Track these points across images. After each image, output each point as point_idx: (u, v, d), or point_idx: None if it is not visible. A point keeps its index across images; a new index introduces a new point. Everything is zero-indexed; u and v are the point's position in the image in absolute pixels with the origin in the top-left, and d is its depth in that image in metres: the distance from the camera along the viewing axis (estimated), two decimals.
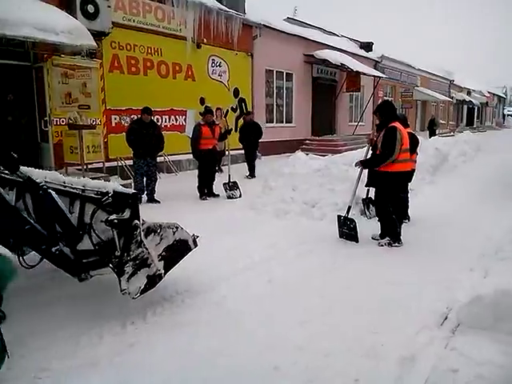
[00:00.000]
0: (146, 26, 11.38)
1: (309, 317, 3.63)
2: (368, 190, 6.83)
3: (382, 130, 5.45)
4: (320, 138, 18.42)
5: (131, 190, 3.60)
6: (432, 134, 21.89)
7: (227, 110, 14.05)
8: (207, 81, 13.39)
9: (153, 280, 3.65)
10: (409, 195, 6.91)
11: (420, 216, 7.12)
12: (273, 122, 16.76)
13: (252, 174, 11.25)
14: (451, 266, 4.89)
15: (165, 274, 3.76)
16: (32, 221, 3.66)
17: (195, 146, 8.44)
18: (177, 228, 3.94)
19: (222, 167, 11.47)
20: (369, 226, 6.26)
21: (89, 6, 9.74)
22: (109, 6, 10.12)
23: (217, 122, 11.32)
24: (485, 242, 5.78)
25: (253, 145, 11.38)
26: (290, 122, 17.74)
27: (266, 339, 3.30)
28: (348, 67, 17.94)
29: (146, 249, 3.56)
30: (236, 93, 14.19)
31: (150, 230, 3.65)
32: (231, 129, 10.34)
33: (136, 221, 3.43)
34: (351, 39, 24.05)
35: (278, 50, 16.04)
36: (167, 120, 12.11)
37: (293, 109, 17.84)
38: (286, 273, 4.66)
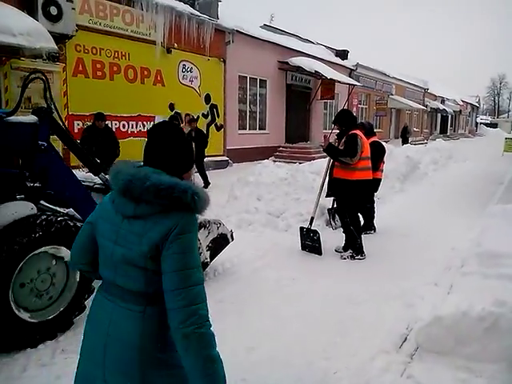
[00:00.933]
0: (114, 30, 11.02)
1: (257, 341, 3.37)
2: (334, 200, 6.64)
3: (343, 138, 5.30)
4: (293, 145, 18.27)
5: None
6: (405, 141, 21.98)
7: (198, 116, 13.82)
8: (177, 86, 13.08)
9: (203, 267, 4.22)
10: (375, 205, 6.77)
11: (386, 226, 6.97)
12: (246, 129, 16.53)
13: (206, 182, 10.59)
14: (415, 281, 4.71)
15: (210, 261, 4.60)
16: None
17: None
18: (220, 224, 4.77)
19: (193, 175, 11.12)
20: (334, 238, 6.06)
21: (51, 7, 9.33)
22: (73, 9, 9.75)
23: (185, 129, 11.08)
24: (451, 254, 5.63)
25: (198, 153, 10.54)
26: (264, 129, 17.54)
27: None
28: (322, 74, 17.87)
29: (198, 240, 4.01)
30: (207, 99, 14.00)
31: (201, 225, 4.44)
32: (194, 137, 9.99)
33: None
34: (327, 47, 24.06)
35: (251, 57, 15.85)
36: (134, 126, 11.73)
37: (266, 116, 17.65)
38: (239, 290, 4.39)
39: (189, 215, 1.55)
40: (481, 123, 62.35)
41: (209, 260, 4.58)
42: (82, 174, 4.70)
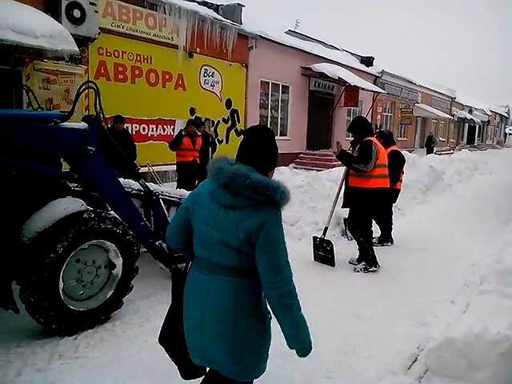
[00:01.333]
0: (136, 33, 11.09)
1: None
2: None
3: (357, 145, 5.18)
4: (314, 151, 18.09)
5: None
6: (430, 151, 21.55)
7: (218, 121, 13.81)
8: (198, 91, 13.07)
9: None
10: (393, 216, 6.56)
11: (405, 238, 6.77)
12: None
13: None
14: (430, 297, 4.51)
15: None
16: (144, 220, 4.44)
17: (173, 149, 8.24)
18: None
19: None
20: (349, 249, 5.90)
21: (75, 10, 9.45)
22: (96, 12, 9.84)
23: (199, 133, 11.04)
24: (470, 270, 5.41)
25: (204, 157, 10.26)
26: (285, 135, 17.41)
27: None
28: (345, 81, 17.67)
29: None
30: (228, 104, 13.97)
31: None
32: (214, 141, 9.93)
33: None
34: (352, 53, 23.82)
35: (274, 62, 15.76)
36: (154, 129, 11.76)
37: (288, 122, 17.53)
38: None
39: (277, 210, 1.87)
40: (510, 134, 60.75)
41: None
42: (121, 180, 5.13)
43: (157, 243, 4.46)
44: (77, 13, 9.45)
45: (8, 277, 3.28)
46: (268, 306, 1.95)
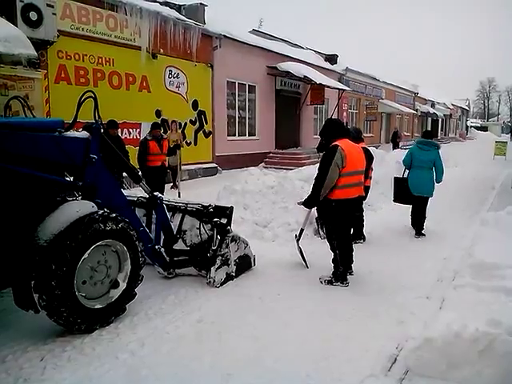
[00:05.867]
0: (97, 35, 10.78)
1: (235, 367, 3.13)
2: None
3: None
4: (283, 151, 18.09)
5: (228, 204, 5.06)
6: (395, 146, 21.90)
7: (185, 123, 13.60)
8: (164, 92, 12.84)
9: (229, 277, 4.78)
10: (364, 213, 6.56)
11: (376, 235, 6.79)
12: (235, 135, 16.31)
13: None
14: (406, 294, 4.51)
15: (235, 277, 4.84)
16: (144, 225, 4.60)
17: (142, 163, 7.89)
18: (247, 245, 5.10)
19: (178, 183, 10.87)
20: (323, 248, 5.82)
21: (31, 12, 9.08)
22: (54, 14, 9.49)
23: (172, 136, 10.86)
24: (442, 264, 5.45)
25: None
26: (253, 135, 17.34)
27: None
28: (311, 79, 17.74)
29: (230, 251, 4.78)
30: (195, 105, 13.78)
31: (233, 239, 4.87)
32: (178, 144, 9.75)
33: (229, 227, 4.79)
34: (316, 52, 23.96)
35: (240, 62, 15.66)
36: (119, 133, 11.42)
37: (256, 121, 17.46)
38: (220, 308, 4.15)
39: None
40: (471, 126, 62.61)
41: (234, 274, 4.84)
42: (125, 191, 5.38)
43: (156, 247, 4.64)
44: (33, 15, 9.09)
45: (27, 278, 3.36)
46: None
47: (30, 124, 3.75)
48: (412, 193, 6.95)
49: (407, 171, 7.19)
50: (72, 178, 4.04)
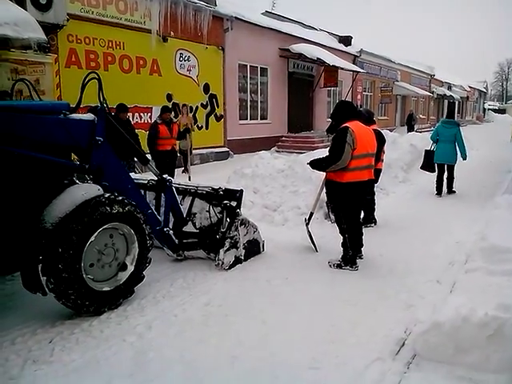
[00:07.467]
0: (107, 19, 10.71)
1: (241, 350, 3.12)
2: None
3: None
4: (296, 134, 17.94)
5: (238, 188, 5.03)
6: (410, 129, 21.55)
7: (196, 107, 13.54)
8: (175, 76, 12.76)
9: (238, 260, 4.77)
10: (375, 197, 6.48)
11: (388, 218, 6.70)
12: (247, 119, 16.19)
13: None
14: (416, 278, 4.46)
15: (243, 261, 4.82)
16: (153, 208, 4.62)
17: (151, 147, 7.88)
18: (256, 229, 5.06)
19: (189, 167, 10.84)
20: (333, 231, 5.77)
21: None
22: None
23: (182, 120, 10.83)
24: (455, 248, 5.36)
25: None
26: (265, 119, 17.20)
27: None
28: (324, 61, 17.46)
29: (239, 234, 4.75)
30: (206, 88, 13.67)
31: (243, 222, 4.83)
32: (188, 128, 9.70)
33: (238, 210, 4.79)
34: (330, 33, 23.53)
35: (251, 44, 15.47)
36: (130, 118, 11.38)
37: (268, 105, 17.30)
38: (227, 292, 4.15)
39: None
40: (488, 109, 61.29)
41: (243, 258, 4.82)
42: (135, 175, 5.64)
43: (165, 229, 4.64)
44: None
45: (34, 261, 3.39)
46: None
47: (36, 107, 3.73)
48: (436, 161, 8.55)
49: (434, 145, 8.65)
50: (79, 161, 4.01)
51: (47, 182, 3.67)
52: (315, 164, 4.88)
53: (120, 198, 3.76)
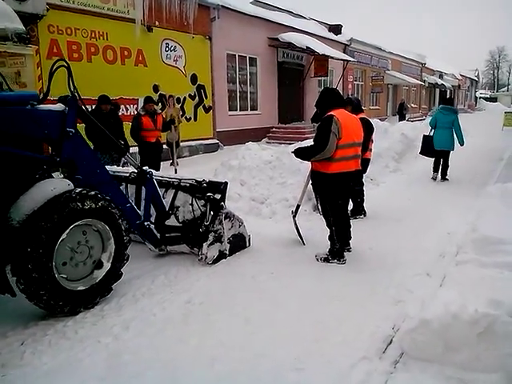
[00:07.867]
0: (89, 8, 10.40)
1: (221, 351, 2.97)
2: None
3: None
4: (287, 125, 17.74)
5: (223, 180, 4.82)
6: (402, 118, 21.44)
7: (184, 98, 13.30)
8: (161, 66, 12.50)
9: (222, 255, 4.62)
10: (364, 187, 6.33)
11: (378, 209, 6.56)
12: (236, 110, 15.95)
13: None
14: (405, 271, 4.32)
15: (228, 256, 4.68)
16: (132, 202, 4.43)
17: (137, 139, 7.66)
18: (242, 223, 4.90)
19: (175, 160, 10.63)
20: (322, 224, 5.62)
21: None
22: None
23: (169, 111, 10.61)
24: (446, 239, 5.23)
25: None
26: (255, 110, 16.97)
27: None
28: (314, 50, 17.23)
29: (223, 228, 4.59)
30: (194, 79, 13.41)
31: (227, 216, 4.67)
32: (173, 119, 9.48)
33: (222, 203, 4.61)
34: (320, 22, 23.25)
35: (239, 33, 15.19)
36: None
37: (258, 95, 17.05)
38: (210, 288, 3.99)
39: None
40: (480, 97, 61.30)
41: (227, 253, 4.68)
42: (115, 167, 5.54)
43: (145, 224, 4.46)
44: None
45: (2, 261, 3.26)
46: None
47: (0, 97, 3.52)
48: (435, 148, 8.64)
49: (433, 131, 8.77)
50: (50, 154, 3.83)
51: (14, 177, 3.47)
52: (300, 153, 4.72)
53: (92, 192, 3.58)
